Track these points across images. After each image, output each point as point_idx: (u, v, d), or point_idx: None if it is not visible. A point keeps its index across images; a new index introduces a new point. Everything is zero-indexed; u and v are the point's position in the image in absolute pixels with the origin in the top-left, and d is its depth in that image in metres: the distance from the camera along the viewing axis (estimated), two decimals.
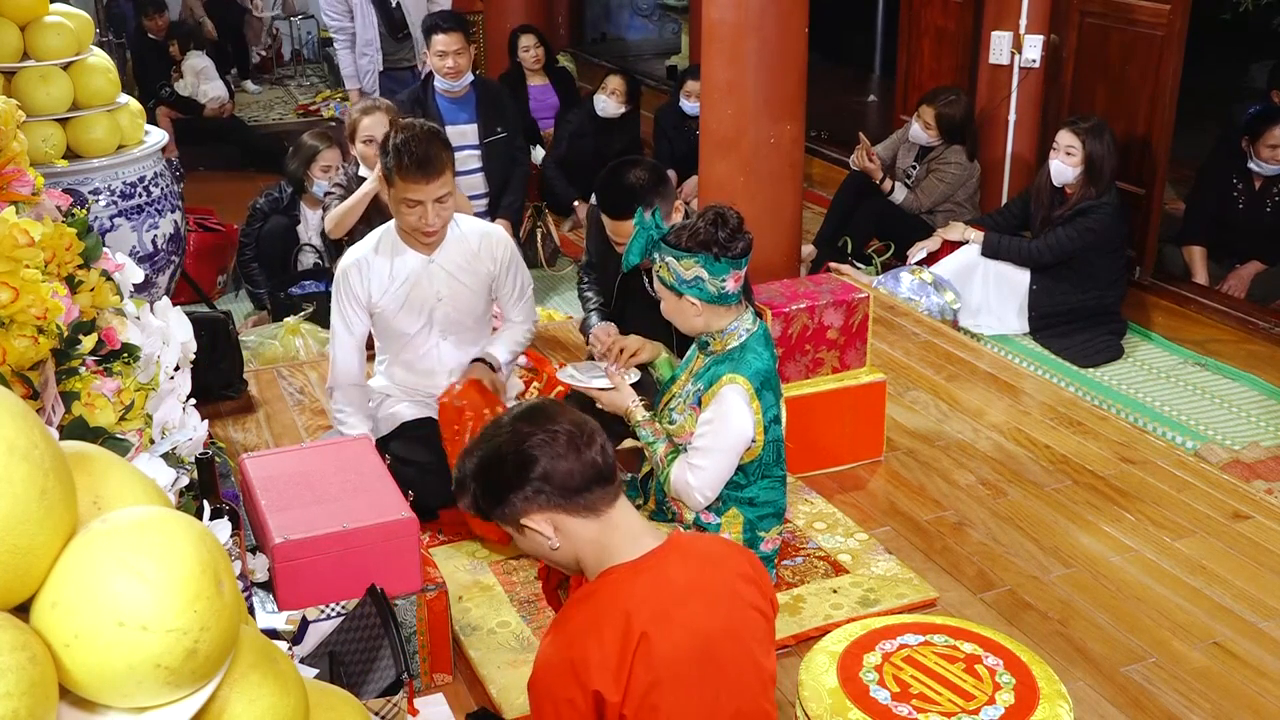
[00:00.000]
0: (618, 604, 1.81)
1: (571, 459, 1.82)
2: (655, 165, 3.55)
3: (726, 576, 1.91)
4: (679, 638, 1.81)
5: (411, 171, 3.18)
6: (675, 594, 1.84)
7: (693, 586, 1.86)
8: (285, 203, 5.47)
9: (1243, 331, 5.12)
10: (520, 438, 1.84)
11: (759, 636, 1.93)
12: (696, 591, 1.86)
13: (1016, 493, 3.67)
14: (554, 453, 1.82)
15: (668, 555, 1.88)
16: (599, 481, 1.84)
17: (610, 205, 3.43)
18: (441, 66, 5.32)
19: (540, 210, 6.31)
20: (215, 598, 1.01)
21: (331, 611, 2.52)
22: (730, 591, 1.90)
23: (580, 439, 1.84)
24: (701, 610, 1.85)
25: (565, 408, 1.92)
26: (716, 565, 1.92)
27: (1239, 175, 5.46)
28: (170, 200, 4.16)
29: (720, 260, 2.78)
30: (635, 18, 11.72)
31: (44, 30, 3.73)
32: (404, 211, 3.27)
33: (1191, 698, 2.78)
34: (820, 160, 7.37)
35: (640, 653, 1.77)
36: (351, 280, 3.37)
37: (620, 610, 1.80)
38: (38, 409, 1.70)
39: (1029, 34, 5.69)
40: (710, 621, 1.85)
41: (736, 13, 4.71)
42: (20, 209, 1.97)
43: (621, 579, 1.85)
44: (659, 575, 1.85)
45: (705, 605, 1.86)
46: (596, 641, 1.78)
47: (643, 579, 1.84)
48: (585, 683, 1.77)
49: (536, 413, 1.89)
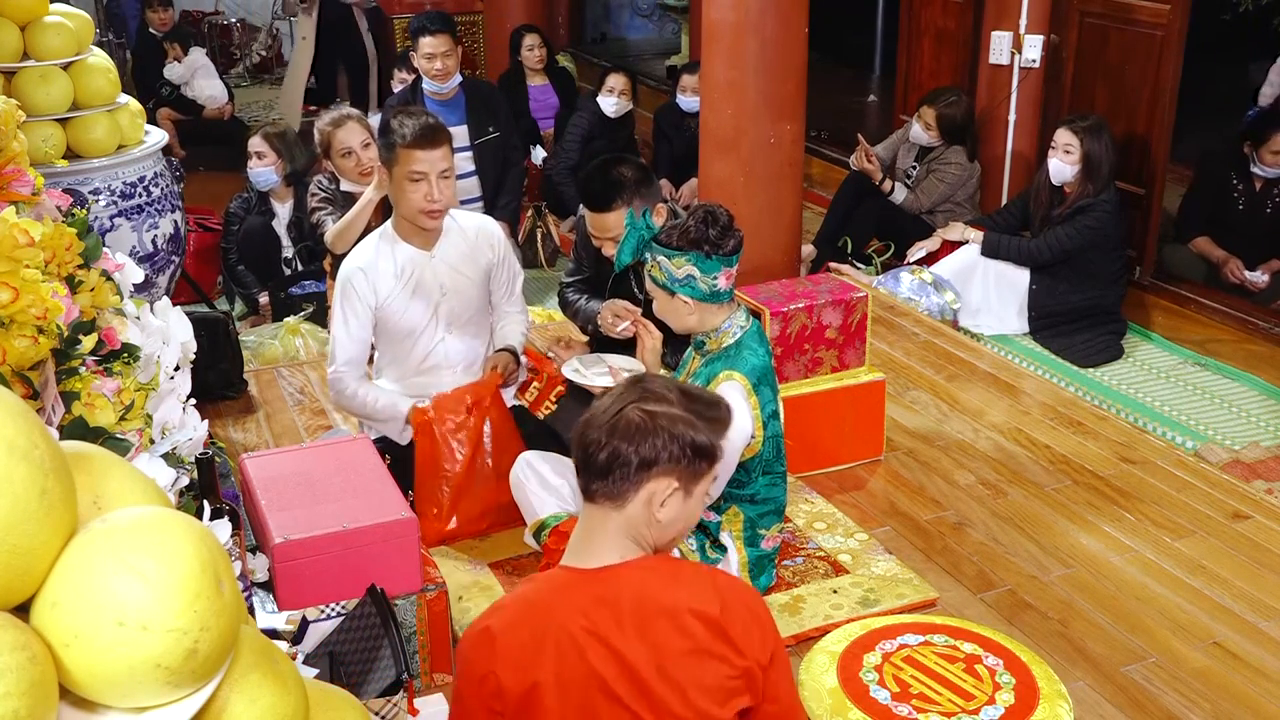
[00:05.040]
0: (555, 609, 1.83)
1: (577, 429, 1.93)
2: (642, 165, 3.58)
3: (678, 612, 1.81)
4: (594, 657, 1.79)
5: (417, 138, 3.24)
6: (614, 617, 1.81)
7: (633, 614, 1.81)
8: (255, 201, 5.51)
9: (1243, 331, 5.12)
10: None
11: (705, 684, 1.80)
12: (636, 619, 1.81)
13: (1016, 493, 3.67)
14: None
15: (628, 575, 1.86)
16: (579, 470, 1.90)
17: (592, 197, 3.47)
18: (429, 69, 5.30)
19: (540, 210, 6.30)
20: (215, 598, 1.01)
21: (331, 611, 2.52)
22: (674, 629, 1.81)
23: (590, 423, 1.90)
24: (632, 640, 1.79)
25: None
26: (672, 598, 1.83)
27: (1238, 175, 5.46)
28: (170, 200, 4.16)
29: (712, 258, 2.80)
30: (635, 18, 11.72)
31: (44, 30, 3.73)
32: (408, 190, 3.27)
33: (1191, 698, 2.78)
34: (820, 160, 7.37)
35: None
36: (358, 286, 3.35)
37: (555, 616, 1.82)
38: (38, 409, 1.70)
39: (1029, 34, 5.69)
40: (631, 653, 1.79)
41: (736, 13, 4.71)
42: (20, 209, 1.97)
43: (566, 582, 1.87)
44: (609, 592, 1.83)
45: (635, 635, 1.80)
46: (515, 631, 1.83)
47: (588, 591, 1.84)
48: (490, 659, 1.81)
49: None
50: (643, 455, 1.84)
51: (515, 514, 3.28)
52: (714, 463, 1.91)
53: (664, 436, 1.84)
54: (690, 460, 1.87)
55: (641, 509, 1.87)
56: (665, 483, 1.86)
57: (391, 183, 3.34)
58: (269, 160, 5.36)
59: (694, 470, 1.88)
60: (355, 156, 4.43)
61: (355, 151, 4.42)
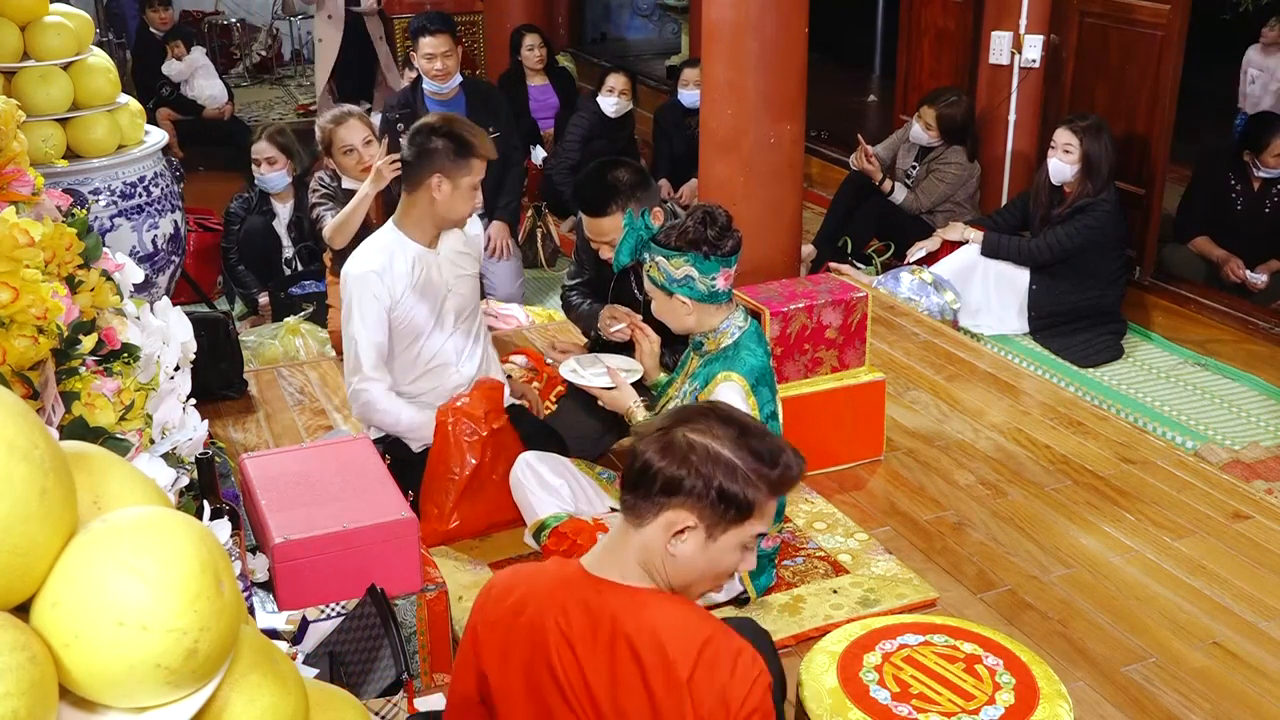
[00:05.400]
0: (546, 596, 1.83)
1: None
2: (640, 168, 3.57)
3: (648, 654, 1.74)
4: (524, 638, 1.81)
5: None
6: (591, 630, 1.78)
7: (608, 635, 1.77)
8: (256, 201, 5.52)
9: (1243, 331, 5.12)
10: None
11: (640, 709, 1.75)
12: (609, 641, 1.77)
13: (1016, 493, 3.67)
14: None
15: (624, 597, 1.80)
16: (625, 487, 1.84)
17: (588, 201, 3.46)
18: (429, 69, 5.30)
19: (540, 210, 6.30)
20: (215, 598, 1.01)
21: (331, 611, 2.52)
22: (628, 654, 1.75)
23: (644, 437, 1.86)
24: (599, 659, 1.76)
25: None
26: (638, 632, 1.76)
27: (1237, 176, 5.46)
28: (170, 200, 4.16)
29: (710, 259, 2.81)
30: (635, 18, 11.72)
31: (44, 30, 3.73)
32: (469, 198, 3.41)
33: (1191, 698, 2.78)
34: (820, 160, 7.37)
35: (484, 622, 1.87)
36: (374, 287, 3.32)
37: (542, 602, 1.83)
38: (38, 409, 1.70)
39: (1029, 34, 5.69)
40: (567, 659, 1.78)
41: (736, 12, 4.71)
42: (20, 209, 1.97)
43: (570, 577, 1.86)
44: (598, 604, 1.80)
45: (603, 655, 1.76)
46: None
47: (581, 594, 1.82)
48: (479, 613, 1.89)
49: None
50: (666, 477, 1.75)
51: (515, 515, 3.29)
52: (745, 518, 1.77)
53: (693, 469, 1.75)
54: (714, 503, 1.75)
55: (658, 535, 1.77)
56: (684, 515, 1.75)
57: (454, 191, 3.31)
58: (280, 165, 5.39)
59: (718, 515, 1.76)
60: (357, 153, 4.42)
61: (357, 148, 4.42)
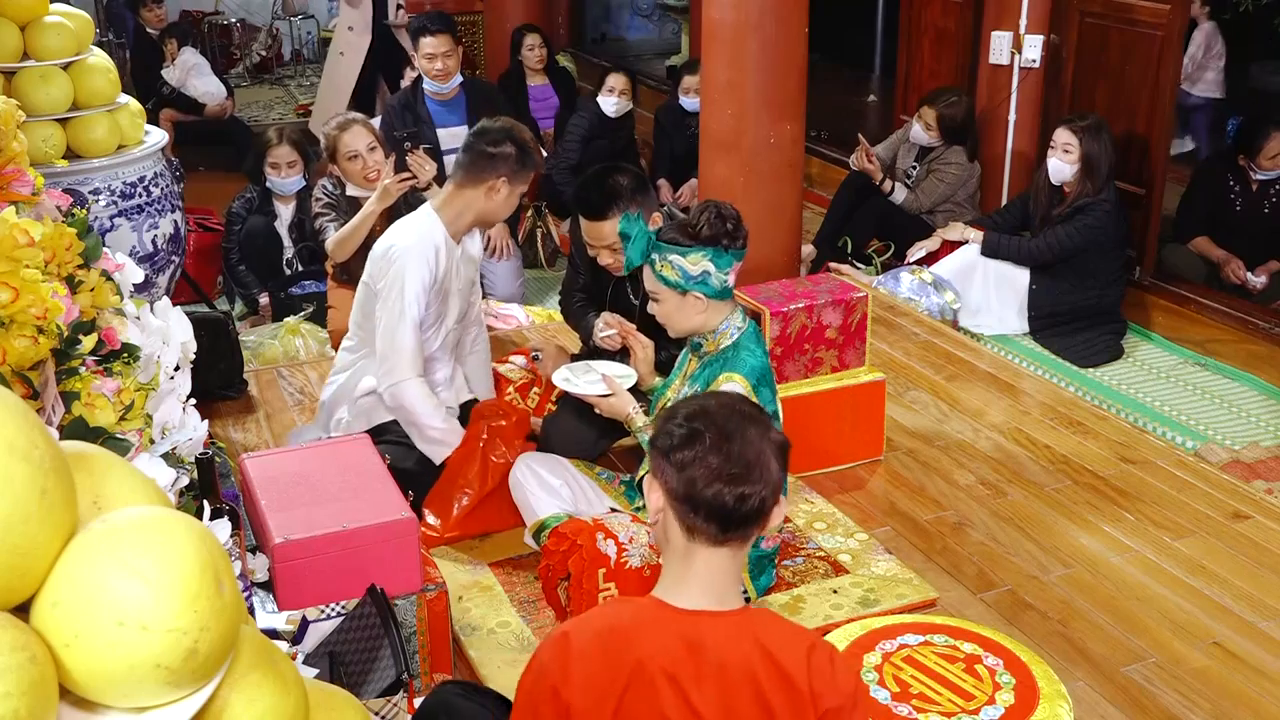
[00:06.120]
0: (638, 641, 1.77)
1: (704, 479, 1.78)
2: (640, 174, 3.56)
3: (759, 673, 1.76)
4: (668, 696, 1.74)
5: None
6: (694, 664, 1.75)
7: (715, 666, 1.75)
8: (258, 201, 5.51)
9: (1243, 331, 5.12)
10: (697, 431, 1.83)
11: None
12: (717, 672, 1.75)
13: (1016, 493, 3.67)
14: (697, 462, 1.79)
15: (722, 624, 1.78)
16: (712, 519, 1.79)
17: (588, 206, 3.44)
18: (430, 69, 5.30)
19: (540, 210, 6.30)
20: (215, 598, 1.01)
21: (331, 611, 2.52)
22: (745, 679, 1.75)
23: (730, 474, 1.79)
24: (708, 692, 1.74)
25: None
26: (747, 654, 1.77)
27: (1235, 177, 5.46)
28: (170, 200, 4.16)
29: (728, 252, 2.83)
30: (635, 18, 11.72)
31: (44, 30, 3.72)
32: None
33: (1191, 698, 2.78)
34: (820, 160, 7.37)
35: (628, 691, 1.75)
36: (430, 257, 3.31)
37: (636, 648, 1.76)
38: (38, 409, 1.70)
39: (1029, 34, 5.69)
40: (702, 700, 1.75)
41: (736, 13, 4.71)
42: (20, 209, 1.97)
43: (656, 617, 1.80)
44: (696, 636, 1.77)
45: (713, 687, 1.75)
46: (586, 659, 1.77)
47: (675, 630, 1.78)
48: (563, 672, 1.76)
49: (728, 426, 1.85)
50: (762, 498, 1.81)
51: (515, 515, 3.29)
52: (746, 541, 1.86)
53: (764, 484, 1.81)
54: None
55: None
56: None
57: (508, 196, 3.37)
58: (299, 168, 5.40)
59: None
60: (361, 160, 4.41)
61: (361, 155, 4.41)
